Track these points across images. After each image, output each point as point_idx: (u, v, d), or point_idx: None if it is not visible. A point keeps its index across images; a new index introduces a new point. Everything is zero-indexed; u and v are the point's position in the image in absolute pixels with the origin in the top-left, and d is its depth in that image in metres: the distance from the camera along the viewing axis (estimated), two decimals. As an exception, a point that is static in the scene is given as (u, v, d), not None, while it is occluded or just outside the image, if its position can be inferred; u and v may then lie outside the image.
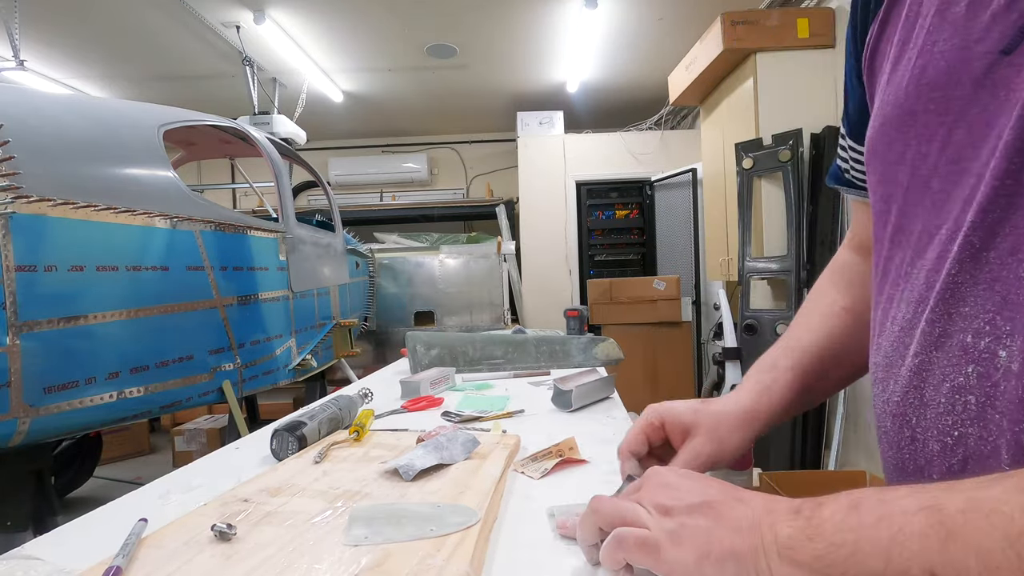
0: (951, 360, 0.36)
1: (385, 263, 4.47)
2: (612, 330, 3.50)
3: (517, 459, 0.81)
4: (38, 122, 1.56)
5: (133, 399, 1.73)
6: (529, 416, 1.09)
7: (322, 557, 0.49)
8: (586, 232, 4.66)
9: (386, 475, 0.70)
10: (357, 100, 4.59)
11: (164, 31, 3.36)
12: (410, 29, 3.43)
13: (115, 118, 1.85)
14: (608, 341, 1.67)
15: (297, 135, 3.96)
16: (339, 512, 0.59)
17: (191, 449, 3.68)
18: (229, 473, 0.79)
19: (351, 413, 1.00)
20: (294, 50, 3.56)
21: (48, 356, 1.50)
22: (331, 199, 3.41)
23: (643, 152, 4.56)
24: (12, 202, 1.41)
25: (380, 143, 5.63)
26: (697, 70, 2.92)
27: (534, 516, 0.63)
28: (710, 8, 3.08)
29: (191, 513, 0.60)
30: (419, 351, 1.55)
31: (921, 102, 0.38)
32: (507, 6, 3.18)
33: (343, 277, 3.32)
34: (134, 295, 1.73)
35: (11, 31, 2.91)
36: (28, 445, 1.54)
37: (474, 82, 4.30)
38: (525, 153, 4.61)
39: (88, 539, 0.59)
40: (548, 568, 0.52)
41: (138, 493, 0.73)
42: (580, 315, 2.01)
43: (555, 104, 4.71)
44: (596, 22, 3.36)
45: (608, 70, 4.13)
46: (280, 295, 2.50)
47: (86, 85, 4.11)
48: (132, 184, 1.77)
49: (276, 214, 2.70)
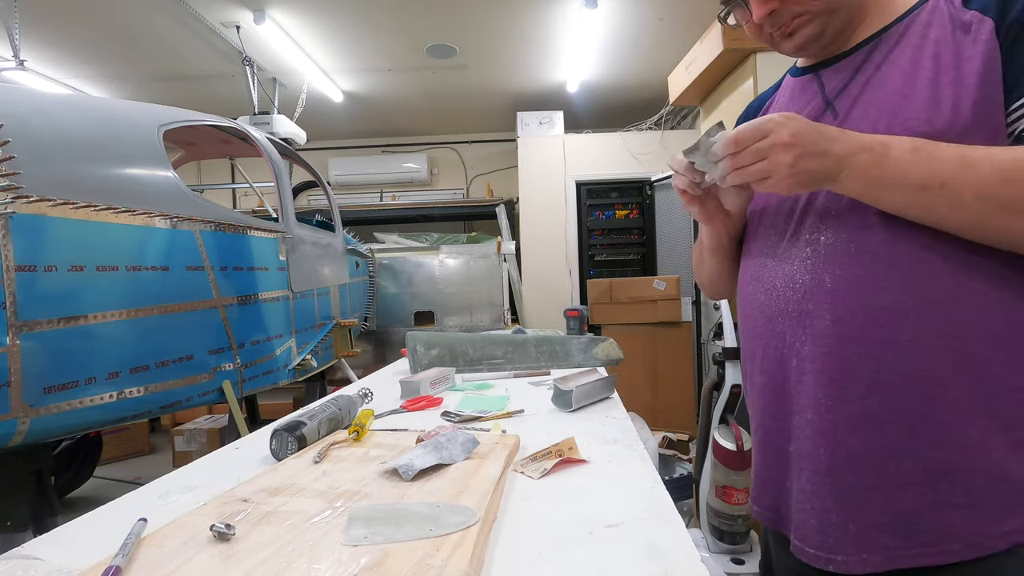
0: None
1: (385, 263, 4.47)
2: (612, 330, 3.50)
3: (517, 459, 0.81)
4: (38, 122, 1.56)
5: (133, 399, 1.73)
6: (529, 416, 1.09)
7: (321, 557, 0.49)
8: (586, 232, 4.66)
9: (386, 475, 0.70)
10: (357, 100, 4.59)
11: (164, 31, 3.36)
12: (410, 29, 3.43)
13: (115, 118, 1.85)
14: (608, 341, 1.67)
15: (297, 135, 3.96)
16: (339, 512, 0.59)
17: (191, 449, 3.68)
18: (229, 473, 0.79)
19: (351, 413, 1.00)
20: (294, 50, 3.56)
21: (48, 356, 1.50)
22: (331, 199, 3.41)
23: (643, 152, 4.56)
24: (12, 202, 1.41)
25: (380, 143, 5.63)
26: (697, 70, 2.92)
27: (534, 516, 0.63)
28: (710, 8, 3.07)
29: (190, 513, 0.60)
30: (419, 351, 1.55)
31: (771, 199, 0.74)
32: (507, 6, 3.18)
33: (343, 277, 3.32)
34: (134, 295, 1.73)
35: (11, 31, 2.91)
36: (28, 445, 1.54)
37: (474, 82, 4.30)
38: (525, 153, 4.61)
39: (88, 539, 0.59)
40: (548, 568, 0.52)
41: (138, 493, 0.73)
42: (580, 315, 2.01)
43: (555, 104, 4.71)
44: (596, 22, 3.36)
45: (608, 70, 4.13)
46: (280, 295, 2.50)
47: (86, 85, 4.11)
48: (132, 184, 1.77)
49: (276, 214, 2.70)
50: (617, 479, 0.74)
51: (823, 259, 0.62)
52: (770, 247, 0.70)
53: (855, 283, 0.60)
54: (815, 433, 0.62)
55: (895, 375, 0.57)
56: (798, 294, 0.64)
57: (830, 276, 0.61)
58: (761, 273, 0.71)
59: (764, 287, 0.69)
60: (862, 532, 0.58)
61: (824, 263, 0.62)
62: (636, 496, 0.68)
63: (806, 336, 0.63)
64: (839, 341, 0.60)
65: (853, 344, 0.59)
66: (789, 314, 0.65)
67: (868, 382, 0.58)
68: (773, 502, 0.71)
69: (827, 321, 0.61)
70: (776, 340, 0.67)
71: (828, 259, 0.62)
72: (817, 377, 0.62)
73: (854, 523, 0.59)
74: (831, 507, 0.61)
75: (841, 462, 0.60)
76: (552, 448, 0.82)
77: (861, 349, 0.59)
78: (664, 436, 2.98)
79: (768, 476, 0.71)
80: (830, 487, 0.61)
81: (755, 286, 0.71)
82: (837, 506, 0.60)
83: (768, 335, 0.68)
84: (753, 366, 0.73)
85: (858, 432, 0.59)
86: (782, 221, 0.69)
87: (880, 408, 0.58)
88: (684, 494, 2.44)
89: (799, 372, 0.64)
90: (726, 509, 1.91)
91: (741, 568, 1.87)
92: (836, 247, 0.61)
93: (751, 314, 0.73)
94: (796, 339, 0.64)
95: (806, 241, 0.65)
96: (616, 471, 0.76)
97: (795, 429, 0.66)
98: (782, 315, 0.66)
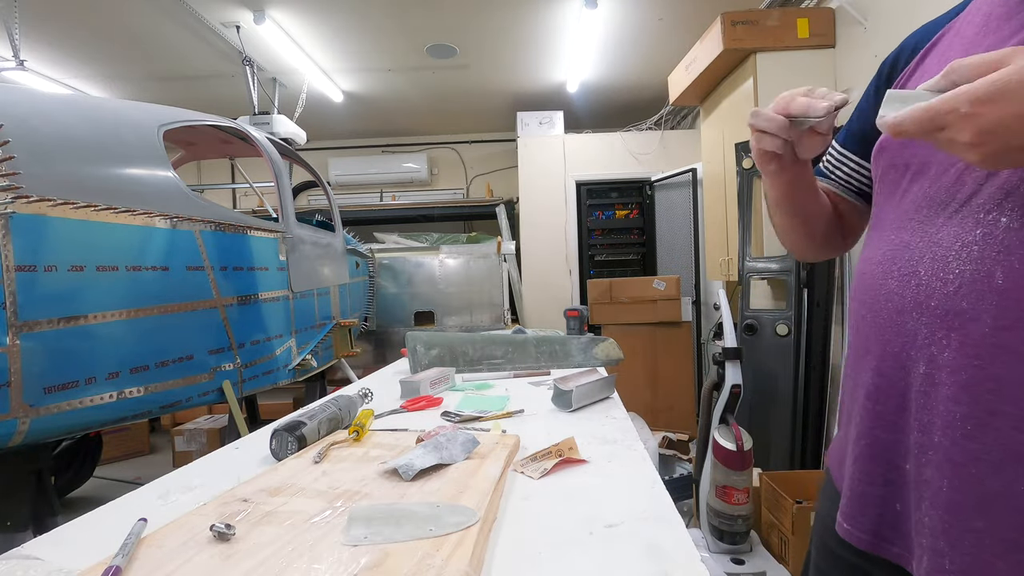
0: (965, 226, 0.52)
1: (385, 263, 4.47)
2: (612, 330, 3.50)
3: (517, 459, 0.81)
4: (38, 122, 1.56)
5: (133, 399, 1.73)
6: (529, 416, 1.09)
7: (321, 557, 0.49)
8: (586, 232, 4.66)
9: (386, 475, 0.70)
10: (357, 100, 4.59)
11: (164, 31, 3.36)
12: (410, 29, 3.43)
13: (115, 118, 1.85)
14: (608, 341, 1.67)
15: (297, 135, 3.96)
16: (339, 512, 0.59)
17: (191, 449, 3.68)
18: (229, 473, 0.79)
19: (351, 413, 1.00)
20: (294, 50, 3.56)
21: (48, 356, 1.50)
22: (331, 199, 3.41)
23: (643, 152, 4.56)
24: (12, 202, 1.41)
25: (380, 143, 5.63)
26: (697, 70, 2.92)
27: (534, 516, 0.63)
28: (710, 8, 3.08)
29: (190, 513, 0.60)
30: (419, 351, 1.55)
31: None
32: (507, 6, 3.18)
33: (343, 277, 3.32)
34: (134, 295, 1.73)
35: (11, 31, 2.91)
36: (28, 445, 1.54)
37: (474, 82, 4.30)
38: (525, 153, 4.61)
39: (88, 539, 0.59)
40: (548, 568, 0.52)
41: (138, 493, 0.73)
42: (580, 315, 2.02)
43: (555, 104, 4.71)
44: (596, 22, 3.36)
45: (608, 70, 4.13)
46: (280, 295, 2.50)
47: (86, 85, 4.11)
48: (132, 184, 1.77)
49: (276, 214, 2.70)
50: (617, 479, 0.74)
51: (998, 247, 0.49)
52: (917, 222, 0.56)
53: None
54: (942, 460, 0.51)
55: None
56: (950, 287, 0.51)
57: (1003, 270, 0.48)
58: (897, 254, 0.57)
59: (899, 272, 0.56)
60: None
61: (998, 252, 0.48)
62: (636, 496, 0.68)
63: (949, 340, 0.51)
64: (998, 353, 0.48)
65: (1018, 361, 0.47)
66: (931, 310, 0.53)
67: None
68: (874, 524, 0.60)
69: (987, 327, 0.48)
70: (903, 339, 0.55)
71: (1006, 248, 0.48)
72: (957, 393, 0.50)
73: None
74: (944, 550, 0.51)
75: (970, 503, 0.49)
76: (552, 448, 0.82)
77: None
78: (664, 436, 2.98)
79: (871, 494, 0.60)
80: (949, 528, 0.50)
81: (886, 268, 0.58)
82: (953, 552, 0.50)
83: (892, 330, 0.57)
84: (863, 364, 0.62)
85: (1001, 472, 0.48)
86: (942, 190, 0.54)
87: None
88: (684, 494, 2.44)
89: (928, 382, 0.53)
90: (726, 509, 1.91)
91: (741, 568, 1.87)
92: (1022, 234, 0.48)
93: (873, 302, 0.60)
94: (933, 342, 0.52)
95: (976, 221, 0.51)
96: (616, 471, 0.76)
97: (914, 448, 0.55)
98: (919, 309, 0.54)
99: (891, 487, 0.58)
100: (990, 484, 0.48)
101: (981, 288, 0.49)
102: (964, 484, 0.50)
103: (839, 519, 0.63)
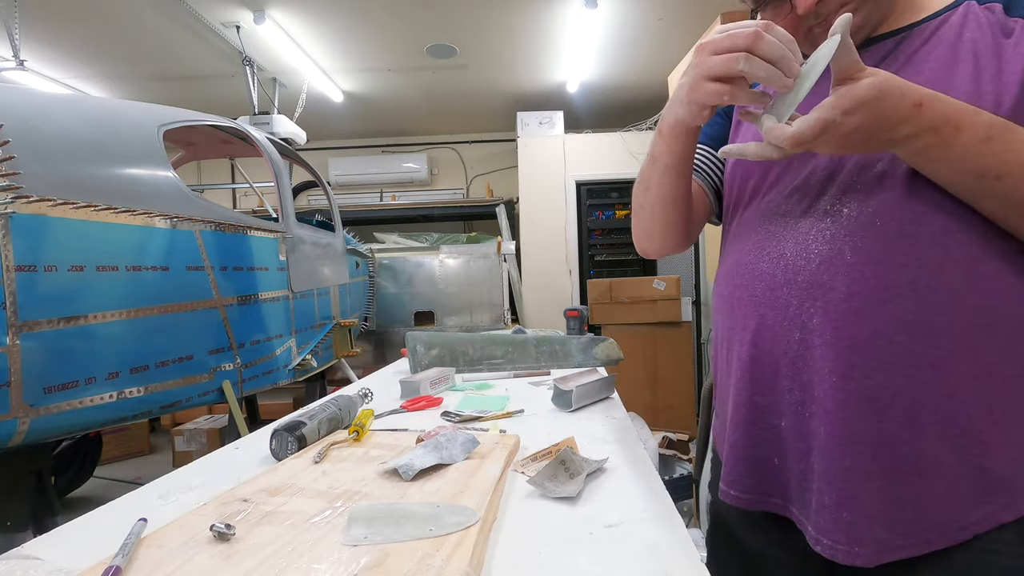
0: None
1: (385, 263, 4.47)
2: (612, 330, 3.50)
3: (517, 459, 0.81)
4: (38, 122, 1.56)
5: (133, 399, 1.73)
6: (529, 416, 1.09)
7: (321, 557, 0.49)
8: (586, 232, 4.66)
9: (386, 475, 0.70)
10: (357, 100, 4.59)
11: (164, 31, 3.36)
12: (410, 29, 3.43)
13: (115, 118, 1.85)
14: (608, 341, 1.67)
15: (297, 135, 3.96)
16: (338, 512, 0.59)
17: (191, 449, 3.68)
18: (229, 473, 0.79)
19: (351, 413, 1.00)
20: (294, 50, 3.56)
21: (48, 356, 1.50)
22: (331, 199, 3.41)
23: (643, 152, 4.51)
24: (12, 202, 1.41)
25: (380, 143, 5.63)
26: (697, 70, 2.92)
27: (534, 516, 0.63)
28: (710, 8, 3.08)
29: (190, 513, 0.60)
30: (419, 351, 1.55)
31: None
32: (507, 6, 3.18)
33: (343, 277, 3.32)
34: (134, 295, 1.73)
35: (11, 31, 2.91)
36: (28, 445, 1.54)
37: (474, 82, 4.30)
38: (525, 153, 4.61)
39: (88, 539, 0.59)
40: (548, 568, 0.52)
41: (138, 493, 0.73)
42: (580, 315, 2.01)
43: (555, 104, 4.71)
44: (596, 22, 3.36)
45: (608, 70, 4.13)
46: (280, 295, 2.50)
47: (86, 85, 4.11)
48: (132, 184, 1.77)
49: (276, 214, 2.70)
50: (617, 479, 0.74)
51: (844, 231, 0.60)
52: (780, 215, 0.67)
53: (876, 257, 0.58)
54: (819, 411, 0.60)
55: (901, 357, 0.56)
56: (812, 264, 0.61)
57: (851, 248, 0.59)
58: (765, 242, 0.68)
59: (769, 256, 0.66)
60: (855, 522, 0.57)
61: (846, 234, 0.60)
62: (636, 496, 0.68)
63: (816, 308, 0.60)
64: (852, 316, 0.58)
65: (866, 321, 0.57)
66: (799, 284, 0.62)
67: (876, 362, 0.57)
68: (757, 483, 0.68)
69: (842, 294, 0.59)
70: (778, 311, 0.64)
71: (850, 231, 0.60)
72: (824, 351, 0.60)
73: (848, 511, 0.57)
74: (823, 488, 0.59)
75: (841, 443, 0.58)
76: (552, 448, 0.82)
77: (873, 327, 0.57)
78: (664, 436, 2.98)
79: (751, 456, 0.68)
80: (828, 469, 0.59)
81: (757, 254, 0.68)
82: (829, 488, 0.58)
83: (768, 304, 0.65)
84: (740, 337, 0.69)
85: (860, 415, 0.57)
86: (795, 190, 0.67)
87: (883, 391, 0.57)
88: (684, 494, 2.44)
89: (803, 345, 0.62)
90: (726, 509, 1.91)
91: (741, 568, 1.87)
92: (860, 220, 0.59)
93: (748, 284, 0.69)
94: (803, 311, 0.62)
95: (825, 212, 0.62)
96: (616, 471, 0.76)
97: (789, 406, 0.63)
98: (789, 285, 0.63)
99: (768, 445, 0.66)
100: (854, 426, 0.57)
101: (836, 263, 0.60)
102: (835, 428, 0.58)
103: (722, 488, 0.71)
